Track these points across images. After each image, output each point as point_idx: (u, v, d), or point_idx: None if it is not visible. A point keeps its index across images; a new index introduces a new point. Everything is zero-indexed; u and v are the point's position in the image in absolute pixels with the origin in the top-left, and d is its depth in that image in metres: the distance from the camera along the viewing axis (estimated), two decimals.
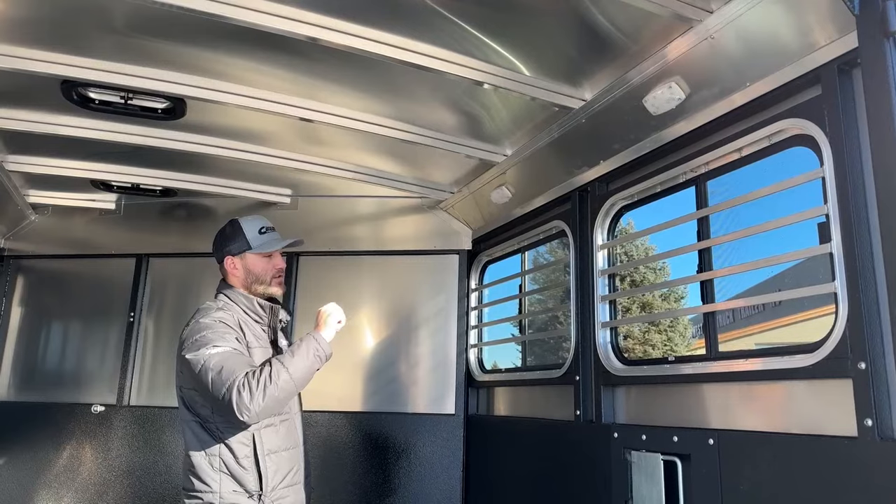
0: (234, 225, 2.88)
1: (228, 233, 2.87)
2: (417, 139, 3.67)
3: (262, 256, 2.83)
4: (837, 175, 2.17)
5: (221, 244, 2.87)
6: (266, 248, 2.84)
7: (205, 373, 2.46)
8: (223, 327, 2.60)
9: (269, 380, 2.41)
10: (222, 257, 2.85)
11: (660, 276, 21.25)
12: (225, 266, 2.85)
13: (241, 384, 2.39)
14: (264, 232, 2.87)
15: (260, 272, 2.83)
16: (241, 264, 2.82)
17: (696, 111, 2.74)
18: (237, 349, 2.56)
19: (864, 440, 1.98)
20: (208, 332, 2.56)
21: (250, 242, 2.82)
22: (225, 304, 2.77)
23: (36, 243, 5.18)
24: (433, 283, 4.76)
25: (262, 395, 2.38)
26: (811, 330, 2.52)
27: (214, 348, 2.50)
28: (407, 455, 4.44)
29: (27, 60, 2.96)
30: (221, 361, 2.46)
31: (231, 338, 2.58)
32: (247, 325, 2.72)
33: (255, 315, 2.78)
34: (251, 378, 2.41)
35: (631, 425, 3.08)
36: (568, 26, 2.75)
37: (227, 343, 2.54)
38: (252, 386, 2.39)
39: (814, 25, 2.20)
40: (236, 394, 2.37)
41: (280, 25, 2.62)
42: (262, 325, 2.80)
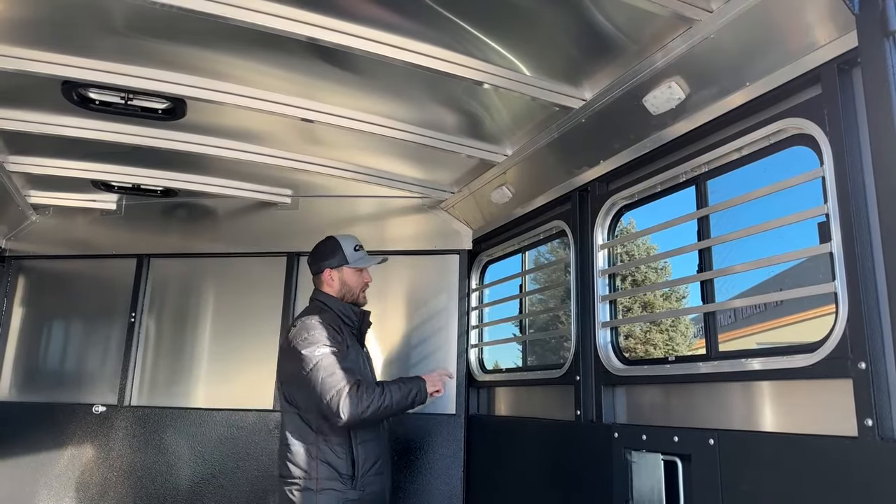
0: (334, 242, 3.34)
1: (328, 248, 3.33)
2: (418, 139, 3.67)
3: (356, 271, 3.31)
4: (837, 174, 2.17)
5: (320, 258, 3.33)
6: (361, 263, 3.32)
7: (316, 371, 2.82)
8: (329, 329, 2.99)
9: (375, 401, 2.81)
10: (321, 269, 3.30)
11: (661, 275, 21.27)
12: (322, 277, 3.30)
13: (351, 393, 2.78)
14: (358, 249, 3.35)
15: (353, 285, 3.30)
16: (339, 277, 3.28)
17: (696, 111, 2.73)
18: (341, 352, 2.93)
19: (865, 440, 1.97)
20: (316, 332, 2.94)
21: (348, 258, 3.29)
22: (322, 308, 3.18)
23: (37, 244, 5.18)
24: (434, 283, 4.76)
25: (366, 410, 2.78)
26: (812, 330, 2.52)
27: (325, 348, 2.88)
28: (407, 455, 4.44)
29: (27, 61, 2.97)
30: (332, 366, 2.83)
31: (337, 338, 2.96)
32: (341, 327, 3.10)
33: (348, 319, 3.20)
34: (362, 391, 2.80)
35: (631, 425, 3.08)
36: (568, 26, 2.75)
37: (334, 343, 2.92)
38: (362, 398, 2.78)
39: (813, 25, 2.20)
40: (345, 399, 2.74)
41: (280, 25, 2.62)
42: (352, 328, 3.21)
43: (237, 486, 4.53)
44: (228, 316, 4.99)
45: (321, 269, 3.31)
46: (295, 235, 4.90)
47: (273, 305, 4.82)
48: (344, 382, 2.80)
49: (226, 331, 4.96)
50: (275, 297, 4.84)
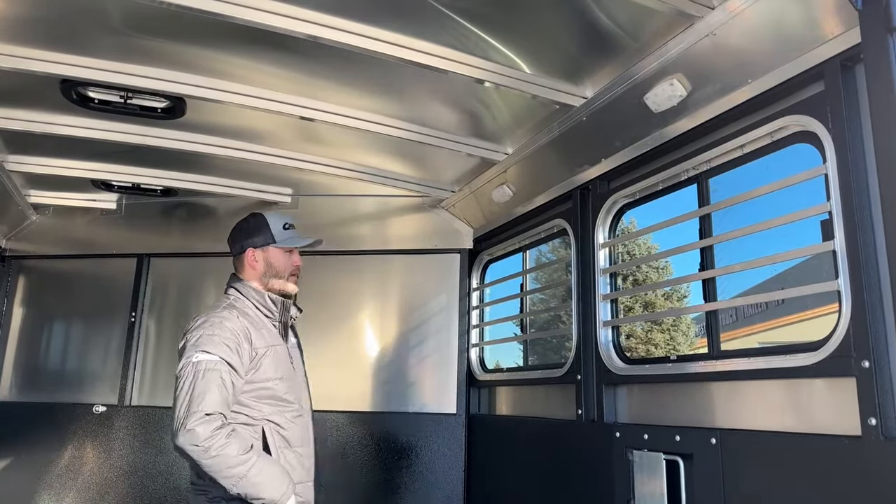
0: (259, 218, 2.86)
1: (252, 225, 2.84)
2: (418, 138, 3.66)
3: (283, 251, 2.84)
4: (840, 172, 2.15)
5: (243, 236, 2.83)
6: (290, 243, 2.86)
7: (188, 377, 2.39)
8: (236, 336, 2.52)
9: (226, 457, 2.29)
10: (243, 249, 2.80)
11: (662, 275, 21.25)
12: (244, 258, 2.80)
13: (205, 425, 2.29)
14: (288, 228, 2.88)
15: (280, 267, 2.82)
16: (263, 257, 2.80)
17: (698, 108, 2.72)
18: (243, 365, 2.49)
19: (868, 439, 1.96)
20: (217, 336, 2.49)
21: (275, 236, 2.82)
22: (235, 299, 2.73)
23: (37, 243, 5.17)
24: (434, 282, 4.75)
25: (208, 454, 2.28)
26: (814, 329, 2.51)
27: (216, 357, 2.43)
28: (408, 454, 4.43)
29: (26, 60, 2.96)
30: (209, 384, 2.37)
31: (232, 346, 2.49)
32: (256, 326, 2.65)
33: (265, 310, 2.74)
34: (221, 433, 2.31)
35: (633, 424, 3.07)
36: (569, 24, 2.74)
37: (233, 354, 2.47)
38: (214, 439, 2.29)
39: (816, 21, 2.19)
40: (195, 426, 2.28)
41: (280, 24, 2.61)
42: (272, 320, 2.76)
43: None
44: None
45: (243, 249, 2.79)
46: None
47: None
48: (207, 411, 2.32)
49: None
50: None
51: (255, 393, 2.54)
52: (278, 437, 2.56)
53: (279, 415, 2.59)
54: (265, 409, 2.56)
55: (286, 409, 2.63)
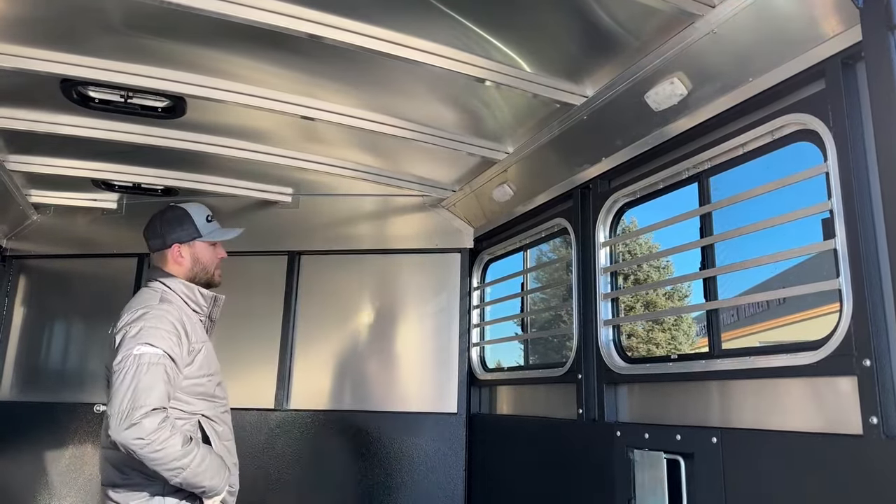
0: (180, 211, 2.73)
1: (175, 218, 2.71)
2: (419, 137, 3.66)
3: (209, 245, 2.76)
4: (841, 170, 2.15)
5: (166, 231, 2.70)
6: (216, 236, 2.77)
7: (128, 371, 2.31)
8: (175, 329, 2.46)
9: (170, 449, 2.24)
10: (167, 244, 2.68)
11: (663, 275, 21.23)
12: (169, 254, 2.69)
13: (150, 419, 2.23)
14: (210, 220, 2.78)
15: (207, 262, 2.75)
16: (189, 253, 2.70)
17: (699, 107, 2.72)
18: (182, 360, 2.44)
19: (870, 438, 1.96)
20: (159, 329, 2.42)
21: (200, 230, 2.72)
22: (164, 292, 2.61)
23: (38, 243, 5.17)
24: (435, 281, 4.75)
25: (151, 447, 2.22)
26: (816, 328, 2.50)
27: (159, 350, 2.37)
28: (409, 454, 4.43)
29: (27, 59, 2.96)
30: (153, 378, 2.31)
31: (182, 342, 2.46)
32: (190, 320, 2.59)
33: (195, 305, 2.67)
34: (165, 426, 2.26)
35: (634, 424, 3.07)
36: (569, 22, 2.74)
37: (174, 347, 2.42)
38: (159, 433, 2.23)
39: (817, 19, 2.18)
40: (145, 418, 2.23)
41: (280, 23, 2.61)
42: (200, 315, 2.69)
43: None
44: (229, 315, 4.89)
45: (168, 244, 2.67)
46: (296, 234, 4.90)
47: (274, 304, 4.81)
48: (154, 406, 2.26)
49: (226, 329, 4.91)
50: (275, 295, 4.83)
51: (189, 389, 2.50)
52: (212, 431, 2.55)
53: (211, 409, 2.58)
54: (199, 405, 2.53)
55: (216, 404, 2.62)
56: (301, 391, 4.70)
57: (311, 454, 4.53)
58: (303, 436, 4.57)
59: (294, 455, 4.55)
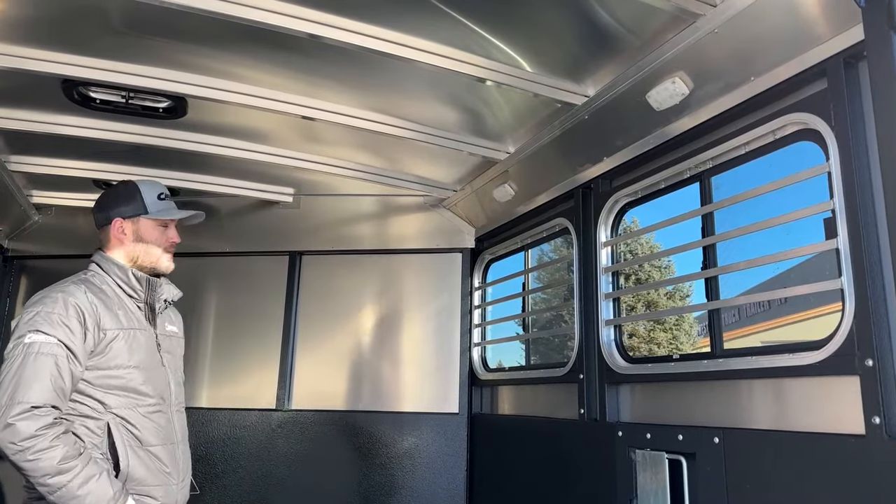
0: (130, 186, 2.55)
1: (122, 193, 2.54)
2: (419, 137, 3.66)
3: (157, 224, 2.55)
4: (843, 170, 2.14)
5: (110, 204, 2.52)
6: (165, 214, 2.55)
7: (11, 362, 2.10)
8: (79, 312, 2.24)
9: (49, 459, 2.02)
10: (109, 219, 2.50)
11: (665, 274, 21.22)
12: (111, 230, 2.49)
13: (29, 421, 2.01)
14: (164, 198, 2.58)
15: (152, 241, 2.52)
16: (132, 230, 2.50)
17: (701, 106, 2.71)
18: (68, 355, 2.17)
19: (872, 438, 1.95)
20: (53, 314, 2.20)
21: (147, 207, 2.52)
22: (93, 274, 2.46)
23: (39, 244, 5.17)
24: (436, 281, 4.75)
25: (28, 454, 2.02)
26: (818, 328, 2.49)
27: (48, 337, 2.15)
28: (410, 454, 4.43)
29: (28, 60, 2.95)
30: (37, 371, 2.09)
31: (73, 327, 2.20)
32: (109, 305, 2.35)
33: (128, 289, 2.44)
34: (48, 433, 2.03)
35: (635, 424, 3.06)
36: (570, 22, 2.73)
37: (72, 336, 2.19)
38: (38, 440, 2.01)
39: (819, 18, 2.18)
40: (20, 420, 2.01)
41: (281, 23, 2.61)
42: (136, 300, 2.46)
43: (239, 486, 4.52)
44: (230, 314, 4.98)
45: (109, 220, 2.48)
46: (297, 234, 4.89)
47: (275, 304, 4.82)
48: (35, 403, 2.03)
49: (228, 329, 4.95)
50: (277, 295, 4.83)
51: (100, 381, 2.25)
52: (126, 434, 2.26)
53: (129, 409, 2.29)
54: (112, 401, 2.26)
55: (140, 402, 2.32)
56: (302, 391, 4.70)
57: (312, 454, 4.53)
58: (304, 436, 4.57)
59: (295, 455, 4.55)
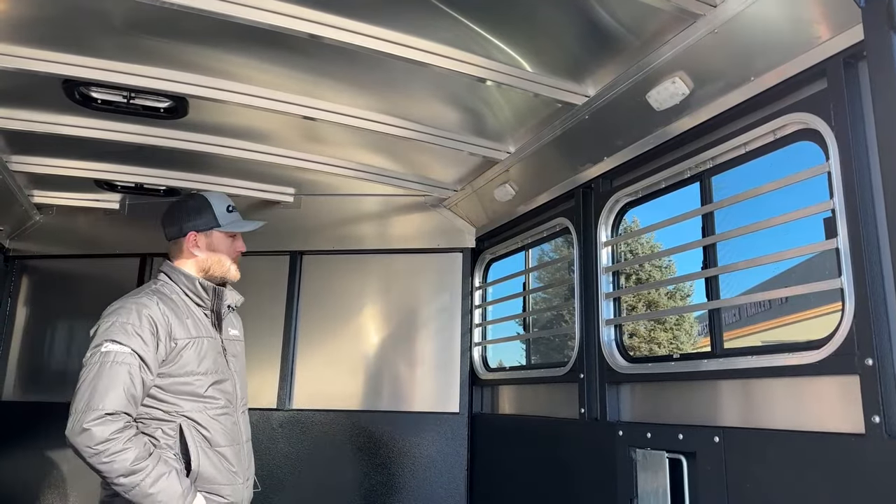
0: (200, 199, 2.66)
1: (193, 206, 2.63)
2: (420, 137, 3.66)
3: (227, 236, 2.66)
4: (843, 169, 2.15)
5: (183, 217, 2.61)
6: (235, 227, 2.67)
7: (90, 369, 2.25)
8: (151, 323, 2.34)
9: (122, 461, 2.15)
10: (183, 232, 2.59)
11: (665, 274, 21.22)
12: (184, 242, 2.59)
13: (105, 425, 2.15)
14: (231, 210, 2.69)
15: (224, 252, 2.64)
16: (206, 242, 2.60)
17: (701, 106, 2.72)
18: (141, 364, 2.28)
19: (872, 437, 1.96)
20: (128, 325, 2.30)
21: (219, 219, 2.63)
22: (162, 284, 2.54)
23: (40, 243, 5.18)
24: (437, 281, 4.76)
25: (103, 456, 2.14)
26: (819, 328, 2.50)
27: (124, 347, 2.26)
28: (411, 454, 4.43)
29: (29, 60, 2.96)
30: (114, 378, 2.22)
31: (147, 338, 2.31)
32: (181, 313, 2.46)
33: (196, 297, 2.55)
34: (122, 436, 2.17)
35: (636, 423, 3.07)
36: (570, 22, 2.74)
37: (146, 346, 2.29)
38: (113, 442, 2.15)
39: (819, 18, 2.18)
40: (95, 425, 2.16)
41: (281, 23, 2.61)
42: (204, 308, 2.58)
43: None
44: None
45: (183, 233, 2.57)
46: (298, 234, 4.90)
47: (276, 304, 4.82)
48: (109, 410, 2.17)
49: None
50: (278, 295, 4.84)
51: (172, 387, 2.37)
52: (197, 436, 2.37)
53: (199, 412, 2.40)
54: (184, 405, 2.38)
55: (208, 405, 2.43)
56: (303, 391, 4.71)
57: (313, 454, 4.54)
58: (305, 435, 4.58)
59: (296, 455, 4.55)
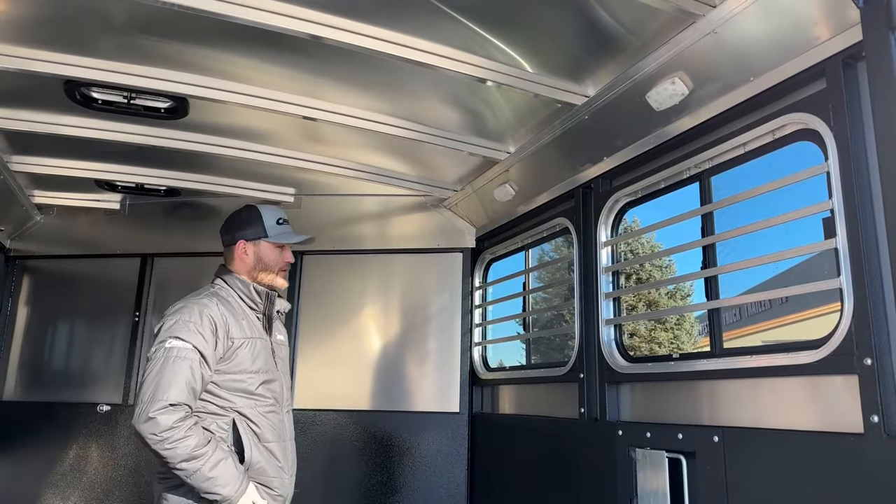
0: (253, 211, 2.87)
1: (246, 217, 2.85)
2: (420, 137, 3.66)
3: (274, 246, 2.84)
4: (842, 169, 2.15)
5: (235, 227, 2.84)
6: (282, 238, 2.86)
7: (155, 363, 2.41)
8: (211, 322, 2.52)
9: (184, 447, 2.31)
10: (234, 240, 2.81)
11: (665, 274, 21.22)
12: (235, 250, 2.80)
13: (168, 414, 2.31)
14: (282, 223, 2.88)
15: (270, 262, 2.82)
16: (254, 251, 2.80)
17: (700, 106, 2.72)
18: (201, 360, 2.45)
19: (871, 437, 1.96)
20: (191, 322, 2.48)
21: (268, 231, 2.82)
22: (220, 288, 2.73)
23: (41, 243, 5.19)
24: (437, 281, 4.76)
25: (166, 443, 2.30)
26: (820, 328, 2.50)
27: (186, 343, 2.43)
28: (411, 453, 4.44)
29: (30, 61, 2.97)
30: (177, 371, 2.39)
31: (207, 336, 2.49)
32: (237, 315, 2.65)
33: (250, 301, 2.74)
34: (182, 425, 2.33)
35: (635, 423, 3.07)
36: (570, 22, 2.74)
37: (206, 343, 2.47)
38: (175, 430, 2.31)
39: (818, 19, 2.19)
40: (160, 414, 2.31)
41: (282, 24, 2.62)
42: (256, 312, 2.76)
43: None
44: None
45: (234, 241, 2.80)
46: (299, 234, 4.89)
47: None
48: (172, 401, 2.33)
49: None
50: None
51: (227, 384, 2.54)
52: (248, 430, 2.55)
53: (251, 408, 2.57)
54: (236, 401, 2.55)
55: (259, 402, 2.61)
56: (303, 391, 4.71)
57: (313, 453, 4.54)
58: (305, 435, 4.57)
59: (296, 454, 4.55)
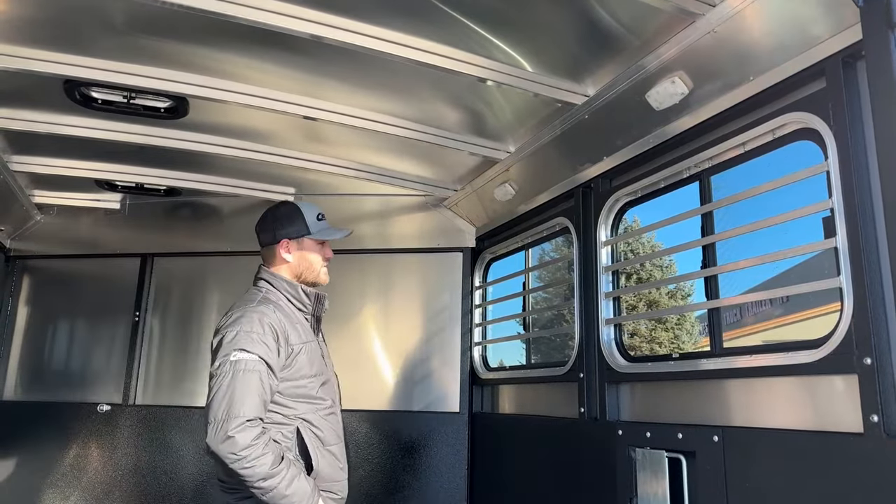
0: (292, 207, 2.77)
1: (285, 214, 2.74)
2: (420, 137, 3.66)
3: (316, 244, 2.76)
4: (842, 169, 2.15)
5: (276, 225, 2.72)
6: (325, 234, 2.77)
7: (223, 379, 2.33)
8: (272, 330, 2.44)
9: (261, 466, 2.25)
10: (276, 239, 2.69)
11: (666, 273, 21.22)
12: (277, 248, 2.69)
13: (246, 433, 2.24)
14: (321, 219, 2.79)
15: (314, 260, 2.74)
16: (298, 249, 2.71)
17: (700, 106, 2.72)
18: (268, 370, 2.39)
19: (871, 436, 1.96)
20: (254, 333, 2.40)
21: (310, 227, 2.72)
22: (268, 292, 2.63)
23: (41, 243, 5.20)
24: (437, 280, 4.76)
25: (244, 462, 2.24)
26: (820, 327, 2.50)
27: (253, 355, 2.36)
28: (411, 453, 4.44)
29: (29, 60, 2.97)
30: (248, 386, 2.31)
31: (271, 345, 2.42)
32: (292, 320, 2.58)
33: (299, 303, 2.66)
34: (259, 441, 2.27)
35: (635, 422, 3.07)
36: (570, 22, 2.74)
37: (270, 352, 2.41)
38: (253, 448, 2.25)
39: (818, 18, 2.18)
40: (238, 432, 2.25)
41: (282, 23, 2.62)
42: (305, 313, 2.69)
43: None
44: None
45: (276, 239, 2.68)
46: None
47: None
48: (248, 416, 2.27)
49: None
50: None
51: (289, 391, 2.49)
52: (312, 437, 2.50)
53: (312, 413, 2.53)
54: (300, 408, 2.50)
55: (319, 406, 2.57)
56: None
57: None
58: None
59: None
